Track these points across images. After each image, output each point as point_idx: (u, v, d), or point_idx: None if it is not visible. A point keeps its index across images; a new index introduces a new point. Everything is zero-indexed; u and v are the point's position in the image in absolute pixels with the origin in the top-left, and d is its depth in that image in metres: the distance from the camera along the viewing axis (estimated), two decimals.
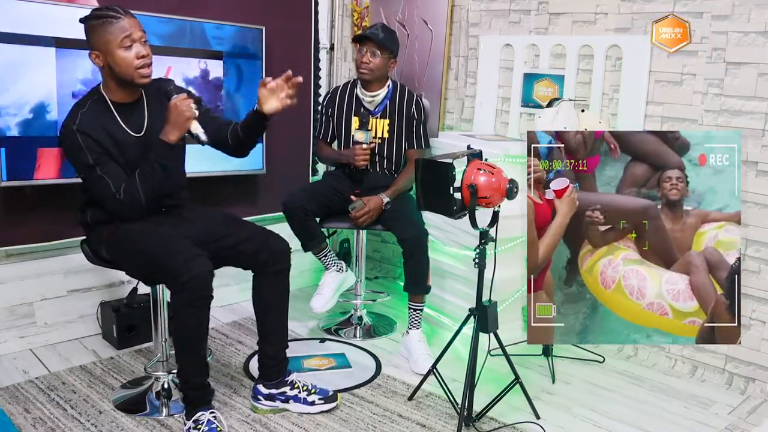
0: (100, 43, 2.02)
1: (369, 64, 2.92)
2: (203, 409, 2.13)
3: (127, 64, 2.03)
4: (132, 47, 2.03)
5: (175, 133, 2.07)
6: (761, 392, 2.60)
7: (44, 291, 2.82)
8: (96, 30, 2.02)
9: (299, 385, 2.34)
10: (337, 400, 2.37)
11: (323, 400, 2.34)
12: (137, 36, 2.04)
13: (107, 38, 2.00)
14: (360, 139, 2.97)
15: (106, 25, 2.00)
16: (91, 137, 2.03)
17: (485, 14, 3.36)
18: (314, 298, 2.92)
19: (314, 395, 2.33)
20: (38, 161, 2.59)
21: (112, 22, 2.01)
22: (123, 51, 2.02)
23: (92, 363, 2.66)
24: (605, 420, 2.39)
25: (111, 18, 2.01)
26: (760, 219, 2.59)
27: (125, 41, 2.01)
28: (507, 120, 3.33)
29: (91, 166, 2.05)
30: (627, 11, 2.87)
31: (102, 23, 2.01)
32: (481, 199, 2.11)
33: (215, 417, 2.13)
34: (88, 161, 2.04)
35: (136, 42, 2.04)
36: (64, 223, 2.69)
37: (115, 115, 2.12)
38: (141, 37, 2.05)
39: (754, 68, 2.55)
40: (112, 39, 2.00)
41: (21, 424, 2.18)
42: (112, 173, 2.07)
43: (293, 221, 2.86)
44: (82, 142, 2.02)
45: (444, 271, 3.12)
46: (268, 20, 3.21)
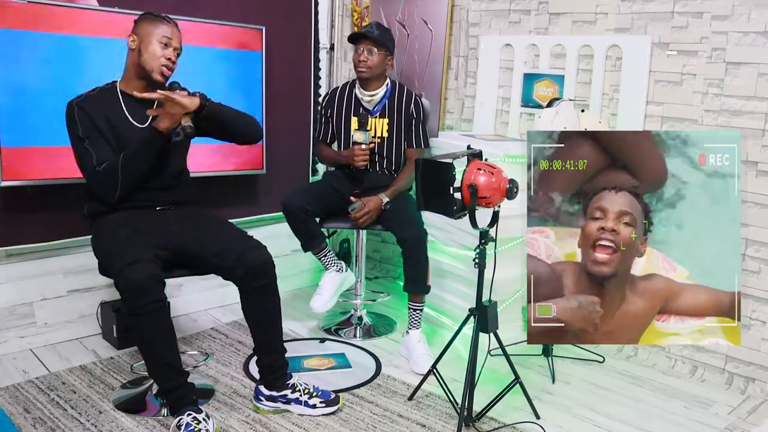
0: (143, 30, 2.23)
1: (366, 62, 2.92)
2: (181, 412, 2.12)
3: (155, 57, 2.22)
4: (166, 48, 2.24)
5: (166, 122, 2.19)
6: (761, 392, 2.60)
7: (44, 291, 2.83)
8: (146, 21, 2.25)
9: (300, 388, 2.33)
10: (339, 403, 2.36)
11: (324, 403, 2.32)
12: (175, 44, 2.26)
13: (152, 30, 2.22)
14: (359, 139, 2.97)
15: (156, 22, 2.24)
16: (87, 115, 2.19)
17: (485, 14, 3.36)
18: (314, 298, 2.92)
19: (315, 398, 2.32)
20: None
21: (162, 23, 2.26)
22: (157, 45, 2.22)
23: (92, 363, 2.66)
24: (605, 420, 2.39)
25: (163, 20, 2.27)
26: (760, 219, 2.59)
27: (164, 39, 2.23)
28: (507, 120, 3.33)
29: (81, 139, 2.19)
30: (627, 11, 2.87)
31: (154, 20, 2.25)
32: (481, 199, 2.11)
33: (194, 418, 2.10)
34: (78, 133, 2.19)
35: (171, 48, 2.25)
36: (64, 223, 2.70)
37: (122, 105, 2.27)
38: (176, 48, 2.27)
39: (754, 68, 2.56)
40: (156, 33, 2.22)
41: (21, 424, 2.18)
42: (100, 149, 2.19)
43: (293, 221, 2.86)
44: (77, 117, 2.19)
45: (444, 271, 3.12)
46: (268, 20, 3.21)
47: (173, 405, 2.15)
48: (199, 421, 2.10)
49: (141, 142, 2.19)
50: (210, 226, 2.36)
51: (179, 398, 2.15)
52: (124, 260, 2.03)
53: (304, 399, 2.31)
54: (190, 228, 2.32)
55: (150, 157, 2.22)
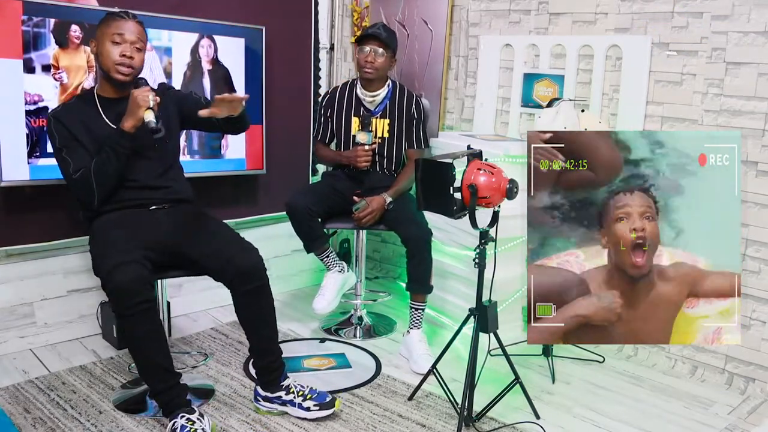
0: (98, 33, 2.24)
1: (374, 63, 2.92)
2: (174, 415, 2.11)
3: (108, 57, 2.21)
4: (119, 45, 2.21)
5: (129, 121, 2.17)
6: (761, 392, 2.60)
7: (44, 291, 2.83)
8: (101, 23, 2.25)
9: (294, 390, 2.29)
10: (335, 406, 2.29)
11: (318, 406, 2.27)
12: (129, 38, 2.22)
13: (104, 30, 2.23)
14: (362, 140, 2.97)
15: (108, 21, 2.24)
16: (63, 125, 2.21)
17: (485, 14, 3.36)
18: (317, 299, 2.91)
19: (310, 401, 2.27)
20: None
21: (115, 20, 2.23)
22: (110, 45, 2.21)
23: (92, 363, 2.66)
24: (605, 420, 2.39)
25: (116, 17, 2.24)
26: (760, 219, 2.59)
27: (115, 37, 2.20)
28: (507, 120, 3.33)
29: (59, 149, 2.22)
30: (627, 11, 2.87)
31: (107, 19, 2.25)
32: (481, 199, 2.11)
33: (187, 419, 2.08)
34: (56, 144, 2.23)
35: (126, 43, 2.21)
36: (64, 223, 2.70)
37: (99, 109, 2.29)
38: (133, 42, 2.23)
39: (754, 68, 2.56)
40: (107, 32, 2.22)
41: (21, 424, 2.18)
42: (76, 156, 2.21)
43: (297, 222, 2.85)
44: (53, 128, 2.22)
45: (444, 271, 3.12)
46: (268, 20, 3.21)
47: (165, 407, 2.15)
48: (194, 422, 2.08)
49: (108, 144, 2.19)
50: (202, 228, 2.33)
51: (171, 400, 2.14)
52: (112, 262, 2.05)
53: (298, 401, 2.27)
54: (182, 229, 2.30)
55: (120, 157, 2.19)
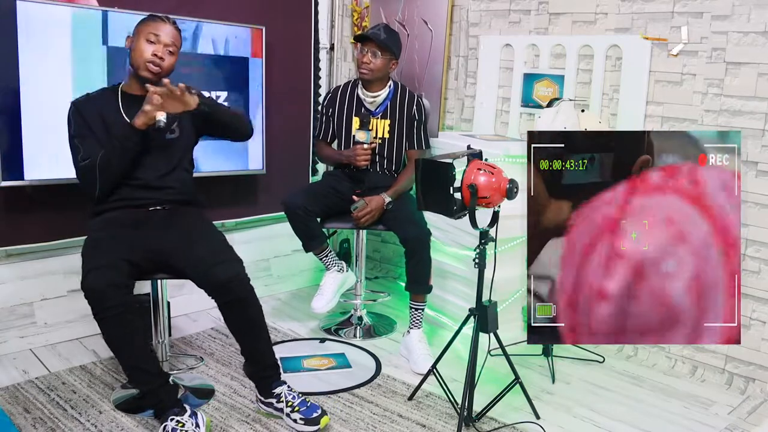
0: (136, 30, 2.30)
1: (369, 64, 2.91)
2: (165, 417, 2.10)
3: (141, 54, 2.26)
4: (153, 44, 2.25)
5: (141, 118, 2.19)
6: (761, 392, 2.60)
7: (44, 291, 2.83)
8: (141, 22, 2.32)
9: (284, 399, 2.24)
10: (320, 424, 2.18)
11: (304, 421, 2.18)
12: (164, 40, 2.27)
13: (141, 28, 2.28)
14: (361, 139, 2.97)
15: (148, 20, 2.30)
16: (81, 114, 2.26)
17: (485, 14, 3.36)
18: (315, 299, 2.92)
19: (297, 413, 2.21)
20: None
21: (154, 21, 2.30)
22: (145, 43, 2.26)
23: (92, 363, 2.66)
24: (605, 420, 2.39)
25: (156, 19, 2.30)
26: (760, 219, 2.59)
27: (150, 36, 2.26)
28: (507, 120, 3.33)
29: (73, 136, 2.27)
30: (627, 11, 2.87)
31: (147, 19, 2.31)
32: (481, 199, 2.11)
33: (177, 422, 2.07)
34: (71, 131, 2.28)
35: (160, 44, 2.26)
36: (64, 223, 2.70)
37: (119, 104, 2.31)
38: (167, 45, 2.28)
39: (754, 68, 2.56)
40: (144, 30, 2.27)
41: (21, 424, 2.18)
42: (87, 145, 2.24)
43: (295, 221, 2.86)
44: (71, 115, 2.28)
45: (444, 271, 3.12)
46: (268, 20, 3.21)
47: (155, 408, 2.15)
48: (184, 423, 2.07)
49: (117, 138, 2.21)
50: (192, 235, 2.28)
51: (159, 401, 2.14)
52: (90, 265, 2.07)
53: (287, 411, 2.22)
54: (172, 233, 2.26)
55: (126, 152, 2.21)
